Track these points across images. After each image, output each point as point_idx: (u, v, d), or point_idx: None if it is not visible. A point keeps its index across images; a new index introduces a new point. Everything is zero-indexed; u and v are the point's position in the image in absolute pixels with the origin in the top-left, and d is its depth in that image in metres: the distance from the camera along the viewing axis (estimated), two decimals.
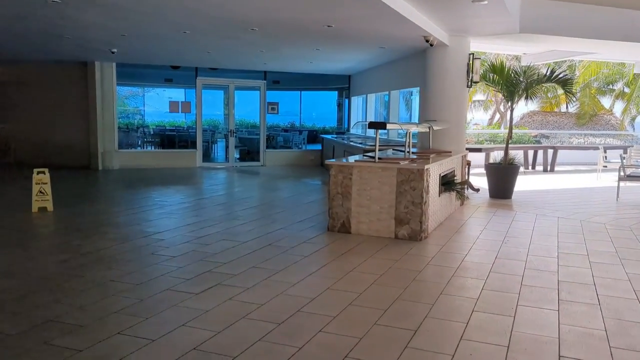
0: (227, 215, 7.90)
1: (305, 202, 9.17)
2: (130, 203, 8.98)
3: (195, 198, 9.48)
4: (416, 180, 6.38)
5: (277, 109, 16.21)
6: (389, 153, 8.14)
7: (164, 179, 12.11)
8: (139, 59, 12.79)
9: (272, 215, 7.88)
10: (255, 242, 6.20)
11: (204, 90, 20.29)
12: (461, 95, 9.38)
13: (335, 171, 6.77)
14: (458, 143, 9.36)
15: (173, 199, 9.29)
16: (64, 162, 14.23)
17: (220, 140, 18.00)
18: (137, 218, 7.57)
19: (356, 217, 6.72)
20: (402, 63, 11.17)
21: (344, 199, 6.75)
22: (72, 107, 14.16)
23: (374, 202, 6.61)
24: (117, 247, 5.85)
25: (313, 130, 24.17)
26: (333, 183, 6.80)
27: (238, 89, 16.00)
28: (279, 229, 6.94)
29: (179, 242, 6.13)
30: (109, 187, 11.06)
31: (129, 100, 22.25)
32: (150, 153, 15.01)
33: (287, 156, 15.98)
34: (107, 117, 13.95)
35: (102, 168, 13.84)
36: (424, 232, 6.47)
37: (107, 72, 13.84)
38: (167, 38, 9.14)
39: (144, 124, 21.29)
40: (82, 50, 11.00)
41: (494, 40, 9.91)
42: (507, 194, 9.74)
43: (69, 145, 14.26)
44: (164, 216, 7.74)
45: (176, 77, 17.13)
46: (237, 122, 22.92)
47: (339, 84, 21.34)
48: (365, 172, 6.63)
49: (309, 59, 11.83)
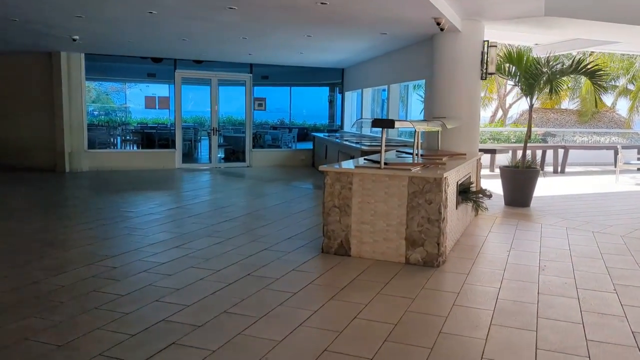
0: (202, 230, 6.59)
1: (295, 212, 7.89)
2: (88, 214, 7.65)
3: (167, 207, 8.17)
4: (433, 191, 5.12)
5: (264, 105, 14.92)
6: (393, 156, 6.89)
7: (136, 183, 10.77)
8: (108, 48, 11.42)
9: (255, 231, 6.59)
10: (232, 271, 4.91)
11: (189, 85, 19.01)
12: (474, 89, 8.14)
13: (332, 179, 5.49)
14: (471, 143, 8.12)
15: (141, 209, 7.96)
16: (28, 163, 12.84)
17: (205, 138, 16.70)
18: (92, 235, 6.25)
19: (357, 236, 5.45)
20: (405, 53, 9.91)
21: (342, 213, 5.48)
22: (36, 103, 12.75)
23: (379, 218, 5.35)
24: (48, 282, 4.53)
25: (303, 128, 22.93)
26: (329, 194, 5.52)
27: (222, 83, 14.65)
28: (263, 250, 5.66)
29: (133, 272, 4.82)
30: (69, 194, 9.70)
31: (112, 95, 20.94)
32: (123, 153, 13.66)
33: (276, 156, 14.68)
34: (74, 114, 12.56)
35: (69, 170, 12.45)
36: (441, 256, 5.22)
37: (74, 64, 12.44)
38: (131, 21, 7.81)
39: (125, 121, 19.97)
40: (37, 37, 9.62)
41: (511, 26, 8.68)
42: (525, 202, 8.52)
43: (33, 144, 12.86)
44: (126, 232, 6.42)
45: (159, 72, 15.75)
46: (224, 119, 21.57)
47: (331, 79, 20.10)
48: (368, 180, 5.36)
49: (299, 49, 10.53)
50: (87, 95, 18.74)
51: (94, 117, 19.46)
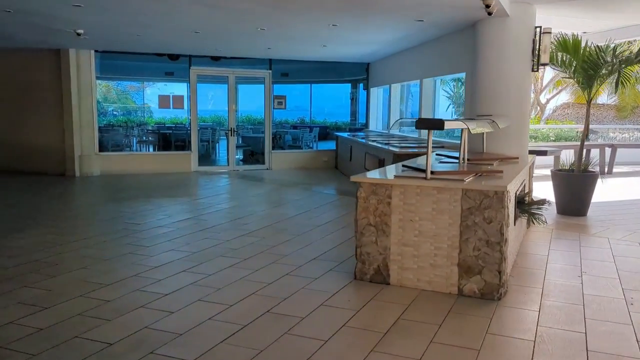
0: (214, 249, 5.73)
1: (320, 224, 6.99)
2: (89, 228, 6.85)
3: (178, 219, 7.33)
4: (493, 207, 4.17)
5: (284, 103, 14.05)
6: (433, 161, 5.94)
7: (147, 189, 9.98)
8: (117, 44, 10.65)
9: (275, 249, 5.70)
10: (247, 306, 4.02)
11: (208, 84, 18.25)
12: (524, 82, 7.11)
13: (366, 192, 4.57)
14: (520, 145, 7.10)
15: (148, 221, 7.14)
16: (38, 167, 12.18)
17: (223, 138, 15.93)
18: (89, 255, 5.43)
19: (397, 261, 4.52)
20: (442, 43, 8.91)
21: (380, 233, 4.56)
22: (44, 103, 12.06)
23: (425, 240, 4.41)
24: (23, 324, 3.70)
25: (324, 127, 22.05)
26: (363, 209, 4.60)
27: (241, 81, 13.82)
28: (285, 276, 4.76)
29: (128, 308, 3.96)
30: (73, 203, 8.94)
31: (132, 95, 20.35)
32: (136, 156, 12.91)
33: (296, 158, 13.79)
34: (84, 115, 11.85)
35: (79, 174, 11.75)
36: (503, 287, 4.26)
37: (84, 62, 11.72)
38: (137, 10, 6.98)
39: (143, 122, 19.35)
40: (42, 32, 8.87)
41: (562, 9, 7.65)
42: (581, 210, 7.49)
43: (43, 148, 12.18)
44: (127, 251, 5.59)
45: (177, 71, 14.98)
46: (243, 119, 20.80)
47: (353, 75, 19.18)
48: (411, 194, 4.42)
49: (322, 41, 9.60)
50: (106, 95, 18.21)
51: (113, 117, 18.92)
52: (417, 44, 9.82)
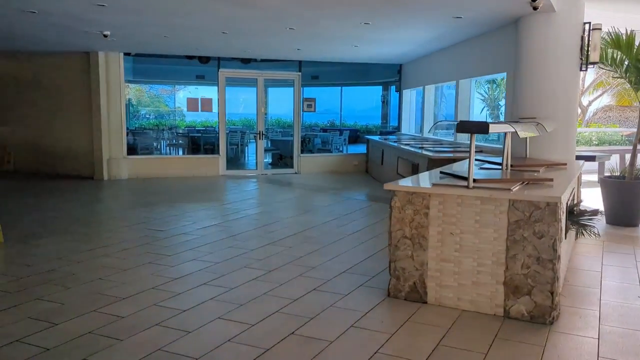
0: (239, 259, 5.42)
1: (350, 232, 6.61)
2: (111, 234, 6.63)
3: (203, 225, 7.06)
4: (545, 220, 3.72)
5: (314, 105, 13.72)
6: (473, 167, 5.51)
7: (173, 193, 9.78)
8: (146, 46, 10.50)
9: (302, 260, 5.35)
10: (271, 326, 3.68)
11: (239, 87, 18.09)
12: (572, 82, 6.60)
13: (402, 201, 4.18)
14: (567, 150, 6.59)
15: (172, 228, 6.89)
16: (68, 170, 12.18)
17: (253, 142, 15.73)
18: (107, 264, 5.18)
19: (436, 277, 4.11)
20: (481, 41, 8.44)
21: (416, 247, 4.15)
22: (74, 106, 12.04)
23: (467, 255, 3.99)
24: (28, 343, 3.44)
25: (355, 130, 21.67)
26: (397, 220, 4.21)
27: (269, 82, 13.57)
28: (312, 291, 4.41)
29: (143, 325, 3.66)
30: (98, 207, 8.78)
31: (164, 98, 20.42)
32: (164, 159, 12.76)
33: (325, 162, 13.44)
34: (113, 118, 11.76)
35: (107, 178, 11.66)
36: (555, 309, 3.81)
37: (113, 65, 11.64)
38: (162, 9, 6.75)
39: (174, 125, 19.37)
40: (69, 34, 8.77)
41: (613, 4, 7.13)
42: (633, 220, 6.93)
43: (72, 151, 12.17)
44: (147, 261, 5.33)
45: (208, 74, 14.87)
46: (272, 122, 20.59)
47: (385, 77, 18.79)
48: (452, 204, 4.01)
49: (354, 41, 9.24)
50: (139, 98, 18.24)
51: (145, 121, 18.98)
52: (453, 44, 9.36)
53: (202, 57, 12.82)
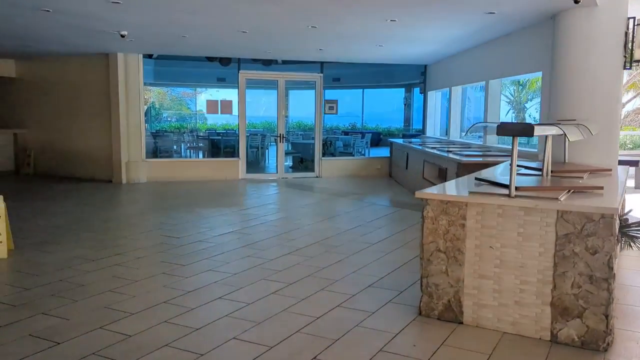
0: (256, 270, 5.10)
1: (374, 241, 6.24)
2: (125, 241, 6.36)
3: (220, 232, 6.76)
4: (599, 234, 3.31)
5: (335, 108, 13.37)
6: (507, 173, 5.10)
7: (191, 197, 9.51)
8: (164, 47, 10.28)
9: (324, 272, 5.00)
10: (288, 349, 3.33)
11: (260, 89, 17.84)
12: (614, 81, 6.13)
13: (435, 211, 3.80)
14: (609, 154, 6.12)
15: (188, 235, 6.59)
16: (86, 174, 12.04)
17: (273, 145, 15.46)
18: (118, 275, 4.90)
19: (473, 296, 3.72)
20: (512, 40, 8.00)
21: (451, 261, 3.77)
22: (93, 108, 11.90)
23: (508, 272, 3.59)
24: None
25: (377, 132, 21.27)
26: (430, 232, 3.83)
27: (291, 86, 13.27)
28: (335, 308, 4.05)
29: (150, 347, 3.35)
30: (115, 212, 8.54)
31: (186, 101, 20.33)
32: (184, 162, 12.53)
33: (347, 165, 13.05)
34: (132, 120, 11.57)
35: (126, 181, 11.47)
36: (610, 334, 3.39)
37: (132, 66, 11.45)
38: (180, 8, 6.48)
39: (195, 128, 19.28)
40: (87, 35, 8.58)
41: None
42: None
43: (91, 154, 12.02)
44: (160, 271, 5.03)
45: (229, 76, 14.72)
46: (293, 125, 20.30)
47: (407, 79, 18.42)
48: (491, 214, 3.62)
49: (379, 40, 8.87)
50: (161, 101, 18.14)
51: (166, 124, 18.92)
52: (483, 42, 8.92)
53: (222, 59, 12.60)
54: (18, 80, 12.89)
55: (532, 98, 24.58)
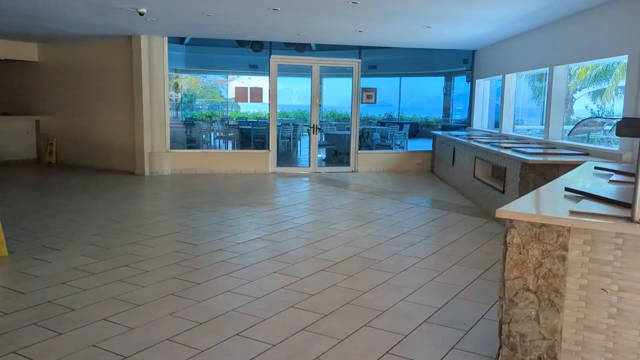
0: (280, 294, 4.22)
1: (423, 256, 5.27)
2: (136, 248, 5.56)
3: (242, 240, 5.90)
4: None
5: (374, 96, 12.34)
6: (595, 180, 4.05)
7: (216, 193, 8.70)
8: (189, 28, 9.44)
9: (365, 299, 4.07)
10: None
11: (292, 77, 16.96)
12: None
13: (524, 236, 2.80)
14: None
15: (206, 241, 5.76)
16: (109, 164, 11.41)
17: (305, 135, 14.58)
18: (119, 294, 4.09)
19: (576, 353, 2.73)
20: (587, 19, 6.84)
21: (545, 305, 2.78)
22: (116, 95, 11.21)
23: (629, 324, 2.59)
24: None
25: (414, 123, 20.19)
26: (516, 264, 2.84)
27: (325, 73, 12.29)
28: (383, 357, 3.12)
29: None
30: (130, 209, 7.77)
31: (219, 88, 19.69)
32: (210, 154, 11.72)
33: (385, 159, 12.05)
34: (156, 108, 10.82)
35: (149, 173, 10.76)
36: None
37: (156, 50, 10.68)
38: None
39: (226, 116, 18.64)
40: (100, 13, 7.79)
41: None
42: None
43: (113, 143, 11.36)
44: (169, 291, 4.20)
45: (262, 64, 13.95)
46: (327, 114, 19.35)
47: (448, 67, 17.30)
48: (606, 244, 2.61)
49: (426, 19, 7.83)
50: (193, 89, 17.52)
51: (197, 112, 18.30)
52: (547, 22, 7.76)
53: (254, 44, 11.79)
54: (41, 64, 12.31)
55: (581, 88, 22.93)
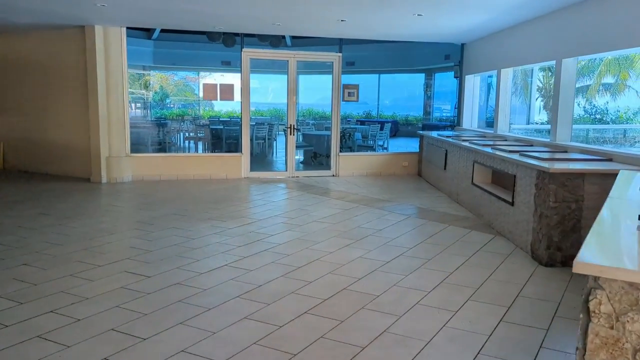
0: (253, 353, 3.20)
1: (429, 287, 4.32)
2: (71, 284, 4.47)
3: (206, 268, 4.87)
4: None
5: (356, 94, 11.37)
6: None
7: (181, 204, 7.61)
8: (150, 17, 8.31)
9: (364, 357, 3.09)
10: None
11: (266, 74, 15.97)
12: None
13: (618, 302, 1.83)
14: None
15: (162, 272, 4.71)
16: (63, 170, 10.23)
17: (281, 134, 13.59)
18: (25, 356, 3.02)
19: None
20: (603, 2, 5.96)
21: None
22: (70, 93, 10.01)
23: None
24: None
25: (394, 122, 19.48)
26: (603, 342, 1.88)
27: (302, 67, 11.29)
28: None
29: None
30: (79, 228, 6.60)
31: (191, 86, 18.65)
32: (176, 158, 10.59)
33: (368, 162, 11.10)
34: (114, 108, 9.66)
35: (106, 180, 9.60)
36: None
37: (113, 43, 9.52)
38: None
39: (196, 115, 17.64)
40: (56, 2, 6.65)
41: None
42: None
43: (67, 147, 10.16)
44: (104, 352, 3.15)
45: (235, 60, 12.96)
46: (303, 112, 18.36)
47: (428, 63, 16.65)
48: None
49: (418, 5, 6.87)
50: (164, 86, 16.57)
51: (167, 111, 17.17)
52: (552, 10, 6.89)
53: (226, 38, 10.78)
54: None
55: None
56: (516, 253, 5.34)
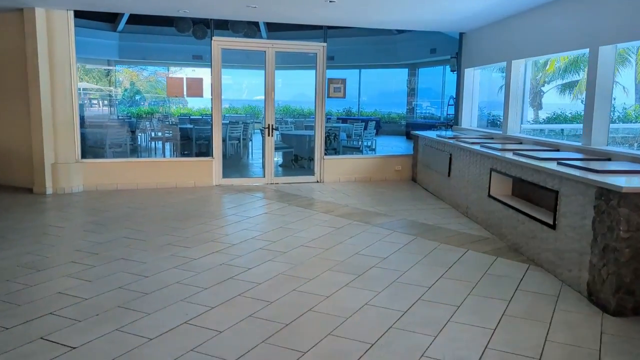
0: None
1: (470, 354, 3.07)
2: None
3: (155, 332, 3.55)
4: None
5: (343, 89, 10.08)
6: None
7: (134, 223, 6.22)
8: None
9: None
10: None
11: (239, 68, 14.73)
12: None
13: None
14: None
15: (89, 343, 3.37)
16: (4, 179, 8.71)
17: (257, 132, 12.36)
18: None
19: None
20: None
21: None
22: (7, 88, 8.49)
23: None
24: None
25: (376, 120, 18.46)
26: None
27: (280, 60, 9.97)
28: None
29: None
30: (8, 257, 5.20)
31: (161, 82, 17.37)
32: (135, 164, 9.11)
33: (356, 166, 9.83)
34: (60, 107, 8.20)
35: (52, 191, 8.14)
36: None
37: (58, 28, 8.05)
38: None
39: (166, 113, 16.41)
40: None
41: None
42: None
43: (7, 151, 8.65)
44: None
45: (207, 54, 11.70)
46: (280, 110, 17.06)
47: (411, 57, 15.83)
48: None
49: None
50: (134, 82, 15.39)
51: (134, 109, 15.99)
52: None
53: (196, 30, 9.57)
54: None
55: (550, 81, 21.47)
56: (566, 294, 4.14)
